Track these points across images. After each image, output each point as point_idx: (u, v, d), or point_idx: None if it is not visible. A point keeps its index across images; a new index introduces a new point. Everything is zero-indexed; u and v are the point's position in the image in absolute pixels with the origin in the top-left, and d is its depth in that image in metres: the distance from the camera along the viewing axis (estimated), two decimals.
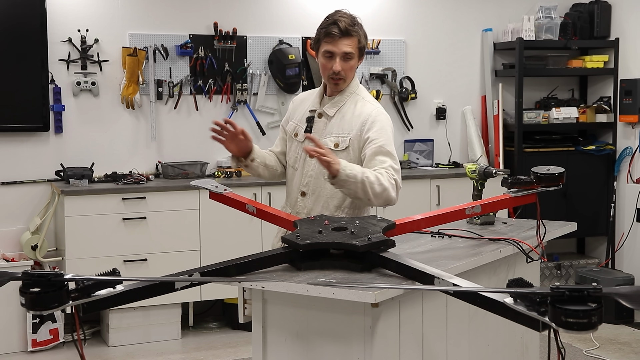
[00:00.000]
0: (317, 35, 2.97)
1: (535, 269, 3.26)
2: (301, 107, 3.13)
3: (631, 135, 6.19)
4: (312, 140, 2.72)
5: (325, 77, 2.99)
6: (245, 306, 2.45)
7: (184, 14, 5.57)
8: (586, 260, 6.39)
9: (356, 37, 2.93)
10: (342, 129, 2.97)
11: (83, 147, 5.34)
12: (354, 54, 2.94)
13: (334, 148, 2.93)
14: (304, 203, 3.02)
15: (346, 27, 2.90)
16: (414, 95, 6.14)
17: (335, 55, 2.92)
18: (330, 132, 2.98)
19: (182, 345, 5.14)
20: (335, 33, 2.90)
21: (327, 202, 2.98)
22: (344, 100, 3.01)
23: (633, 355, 4.86)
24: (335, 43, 2.91)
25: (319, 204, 2.98)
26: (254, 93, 5.73)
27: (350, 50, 2.92)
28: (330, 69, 2.94)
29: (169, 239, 5.08)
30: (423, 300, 2.52)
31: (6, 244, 5.17)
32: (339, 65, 2.92)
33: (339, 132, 2.97)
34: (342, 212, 2.98)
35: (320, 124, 3.01)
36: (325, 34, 2.92)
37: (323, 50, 2.94)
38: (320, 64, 2.99)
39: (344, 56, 2.92)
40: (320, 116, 3.02)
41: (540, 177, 2.79)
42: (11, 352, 4.86)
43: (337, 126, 2.98)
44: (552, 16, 6.24)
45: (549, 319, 1.77)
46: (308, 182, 3.01)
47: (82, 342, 2.12)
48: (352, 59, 2.95)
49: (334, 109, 3.01)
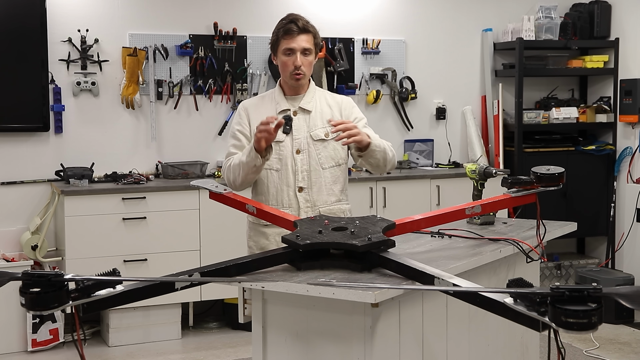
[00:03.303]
0: (275, 36, 3.13)
1: (535, 269, 3.26)
2: (261, 112, 3.13)
3: (631, 135, 6.20)
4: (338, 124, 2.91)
5: (287, 74, 3.12)
6: (245, 306, 2.45)
7: (184, 14, 5.57)
8: (586, 260, 6.39)
9: (313, 34, 3.11)
10: (325, 119, 3.14)
11: (83, 147, 5.34)
12: (312, 50, 3.11)
13: (325, 137, 3.13)
14: (304, 198, 3.10)
15: (304, 24, 3.09)
16: (414, 95, 6.14)
17: (295, 51, 3.07)
18: (315, 125, 3.14)
19: (182, 345, 5.14)
20: (294, 30, 3.07)
21: (330, 188, 3.14)
22: (314, 96, 3.19)
23: (633, 355, 4.86)
24: (294, 39, 3.07)
25: (323, 193, 3.12)
26: (254, 93, 5.73)
27: (309, 45, 3.09)
28: (292, 65, 3.08)
29: (169, 239, 5.08)
30: (423, 300, 2.52)
31: (6, 244, 5.17)
32: (300, 60, 3.07)
33: (323, 123, 3.14)
34: (344, 195, 3.20)
35: (299, 120, 3.14)
36: (285, 32, 3.08)
37: (283, 48, 3.09)
38: (281, 62, 3.12)
39: (303, 51, 3.08)
40: (296, 114, 3.15)
41: (540, 177, 2.79)
42: (11, 352, 4.86)
43: (319, 118, 3.15)
44: (552, 16, 6.24)
45: (549, 319, 1.77)
46: (304, 177, 3.11)
47: (82, 342, 2.12)
48: (311, 55, 3.12)
49: (311, 104, 3.17)
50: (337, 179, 3.15)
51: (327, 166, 3.13)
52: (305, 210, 3.08)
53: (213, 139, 5.67)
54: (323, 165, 3.13)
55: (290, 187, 3.10)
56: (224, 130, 5.65)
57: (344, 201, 3.20)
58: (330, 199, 3.13)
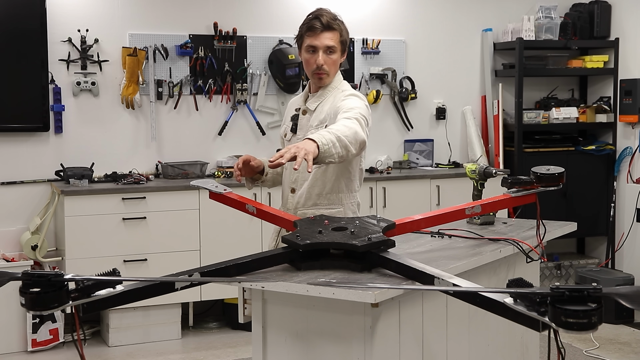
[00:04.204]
0: (300, 32, 3.01)
1: (535, 269, 3.26)
2: (291, 109, 3.19)
3: (631, 135, 6.19)
4: (277, 158, 2.47)
5: (309, 72, 3.02)
6: (245, 306, 2.45)
7: (184, 14, 5.57)
8: (586, 260, 6.39)
9: (338, 31, 2.97)
10: (321, 119, 2.99)
11: (83, 147, 5.34)
12: (336, 48, 2.97)
13: None
14: (293, 199, 3.05)
15: (328, 20, 2.95)
16: (414, 95, 6.14)
17: (317, 49, 2.95)
18: (312, 125, 3.02)
19: (182, 345, 5.14)
20: (317, 27, 2.94)
21: (309, 192, 3.00)
22: (326, 95, 3.04)
23: (633, 355, 4.86)
24: (317, 37, 2.95)
25: (303, 196, 3.02)
26: (254, 93, 5.73)
27: (333, 43, 2.96)
28: (314, 64, 2.97)
29: (169, 239, 5.08)
30: (423, 300, 2.52)
31: (6, 244, 5.17)
32: (322, 59, 2.95)
33: (317, 123, 3.00)
34: (324, 199, 2.99)
35: (304, 120, 3.06)
36: (308, 29, 2.96)
37: (306, 45, 2.98)
38: (304, 59, 3.02)
39: (326, 50, 2.95)
40: (305, 113, 3.07)
41: (540, 177, 2.78)
42: (11, 352, 4.86)
43: (316, 119, 3.02)
44: (552, 16, 6.24)
45: (549, 319, 1.77)
46: (296, 177, 3.05)
47: (82, 342, 2.12)
48: (335, 53, 2.98)
49: (316, 104, 3.05)
50: (315, 181, 2.99)
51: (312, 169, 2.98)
52: (294, 212, 3.03)
53: (213, 139, 5.67)
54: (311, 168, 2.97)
55: (287, 187, 3.10)
56: (224, 130, 5.65)
57: (323, 206, 2.99)
58: (307, 202, 3.01)
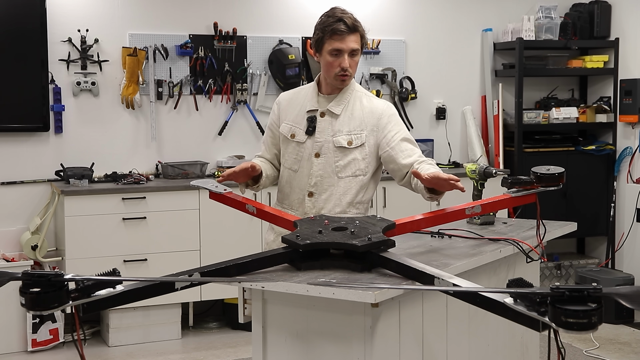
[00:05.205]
0: (320, 34, 2.94)
1: (535, 269, 3.26)
2: (292, 107, 3.10)
3: (631, 135, 6.19)
4: (419, 175, 2.68)
5: (331, 75, 2.96)
6: (245, 306, 2.45)
7: (184, 14, 5.57)
8: (586, 260, 6.39)
9: (360, 33, 2.95)
10: (354, 126, 2.98)
11: (83, 147, 5.34)
12: (359, 50, 2.96)
13: (347, 146, 2.96)
14: (312, 203, 3.00)
15: (353, 23, 2.92)
16: (414, 95, 6.14)
17: (343, 52, 2.91)
18: (340, 130, 2.98)
19: (182, 345, 5.14)
20: (343, 30, 2.89)
21: (339, 199, 2.98)
22: (348, 98, 3.01)
23: (633, 355, 4.86)
24: (343, 40, 2.90)
25: (331, 202, 2.98)
26: (254, 93, 5.73)
27: (357, 46, 2.94)
28: (338, 66, 2.92)
29: (169, 239, 5.08)
30: (423, 300, 2.52)
31: (6, 244, 5.17)
32: (348, 62, 2.92)
33: (350, 130, 2.97)
34: (354, 208, 3.01)
35: (324, 123, 3.00)
36: (332, 32, 2.90)
37: (330, 49, 2.91)
38: (326, 62, 2.95)
39: (351, 52, 2.92)
40: (323, 115, 3.01)
41: (540, 177, 2.78)
42: (11, 352, 4.86)
43: (346, 124, 2.98)
44: (552, 16, 6.24)
45: (549, 319, 1.77)
46: (316, 182, 2.99)
47: (82, 342, 2.12)
48: (357, 55, 2.97)
49: (340, 107, 3.00)
50: (348, 190, 2.98)
51: (343, 175, 2.98)
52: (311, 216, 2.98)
53: (213, 139, 5.67)
54: (339, 174, 2.97)
55: (302, 190, 3.02)
56: (224, 130, 5.65)
57: (351, 214, 2.98)
58: (335, 209, 2.97)
